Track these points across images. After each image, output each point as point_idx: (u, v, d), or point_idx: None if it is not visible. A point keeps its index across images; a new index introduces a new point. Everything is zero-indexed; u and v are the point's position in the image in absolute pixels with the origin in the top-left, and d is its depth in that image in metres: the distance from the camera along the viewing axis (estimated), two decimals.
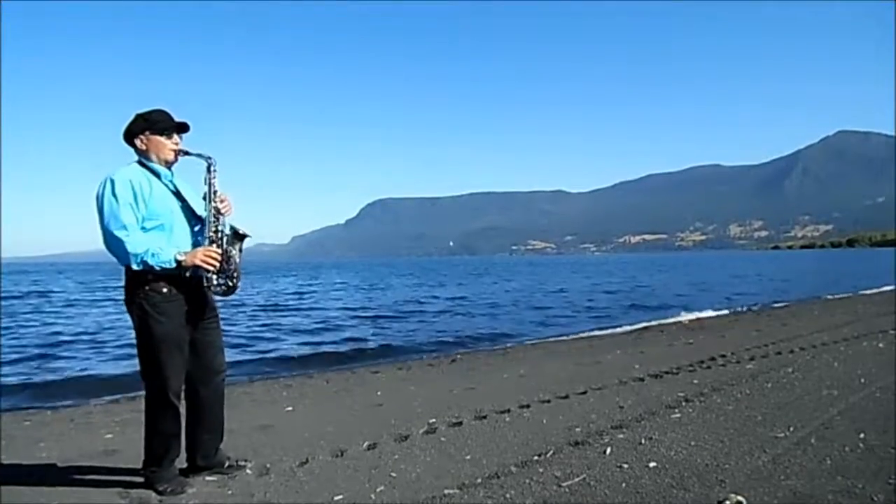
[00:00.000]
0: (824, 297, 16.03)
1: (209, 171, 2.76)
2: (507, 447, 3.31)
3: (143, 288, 2.60)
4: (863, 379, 4.66)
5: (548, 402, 4.41)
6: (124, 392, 6.01)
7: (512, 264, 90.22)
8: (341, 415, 4.36)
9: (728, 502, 2.42)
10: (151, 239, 2.60)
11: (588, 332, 10.52)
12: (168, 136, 2.73)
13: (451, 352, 8.65)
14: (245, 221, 2.83)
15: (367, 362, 7.99)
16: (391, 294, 22.74)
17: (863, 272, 32.25)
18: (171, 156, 2.74)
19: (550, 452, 3.15)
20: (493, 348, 8.98)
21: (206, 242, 2.72)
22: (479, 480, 2.79)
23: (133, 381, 6.20)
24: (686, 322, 11.35)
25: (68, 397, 6.01)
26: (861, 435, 3.22)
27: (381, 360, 8.13)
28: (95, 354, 8.75)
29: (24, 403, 5.79)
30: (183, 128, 2.78)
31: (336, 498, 2.65)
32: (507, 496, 2.59)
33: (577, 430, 3.58)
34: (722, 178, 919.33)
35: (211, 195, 2.75)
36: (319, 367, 7.61)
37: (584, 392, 4.68)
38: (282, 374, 7.17)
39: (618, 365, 6.11)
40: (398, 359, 8.21)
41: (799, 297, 16.31)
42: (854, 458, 2.91)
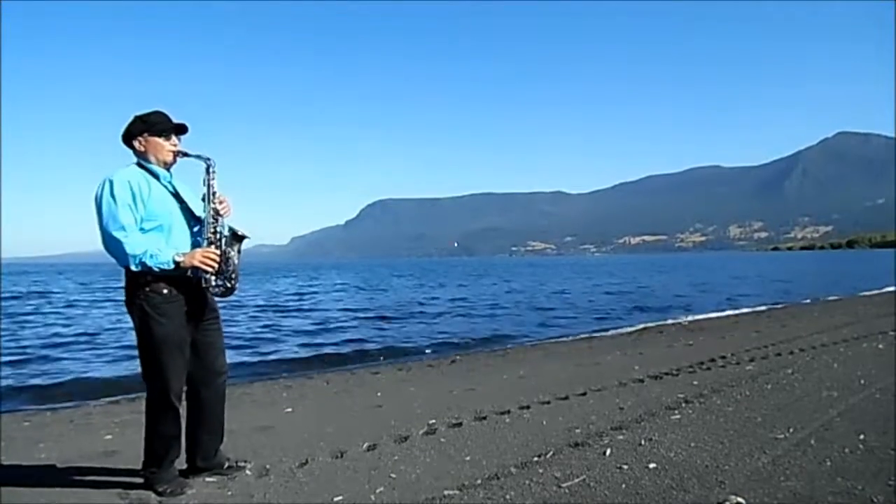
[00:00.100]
0: (824, 298, 16.04)
1: (208, 173, 2.76)
2: (506, 448, 3.31)
3: (143, 289, 2.60)
4: (863, 380, 4.66)
5: (547, 403, 4.41)
6: (124, 393, 6.03)
7: (512, 265, 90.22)
8: (341, 416, 4.36)
9: (728, 503, 2.42)
10: (150, 240, 2.60)
11: (588, 334, 10.52)
12: (166, 137, 2.74)
13: (451, 353, 8.65)
14: (244, 222, 2.84)
15: (367, 363, 7.99)
16: (391, 295, 22.74)
17: (862, 273, 32.28)
18: (169, 157, 2.75)
19: (550, 453, 3.15)
20: (492, 349, 8.98)
21: (205, 244, 2.72)
22: (478, 481, 2.79)
23: (133, 382, 6.21)
24: (686, 323, 11.34)
25: (68, 398, 6.01)
26: (861, 436, 3.22)
27: (380, 362, 8.13)
28: (95, 355, 8.74)
29: (24, 404, 5.80)
30: (181, 129, 2.79)
31: (336, 499, 2.65)
32: (507, 497, 2.59)
33: (577, 431, 3.58)
34: (722, 180, 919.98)
35: (210, 196, 2.75)
36: (319, 369, 7.63)
37: (584, 393, 4.68)
38: (282, 375, 7.17)
39: (617, 366, 6.11)
40: (398, 360, 8.21)
41: (799, 299, 16.32)
42: (854, 459, 2.91)
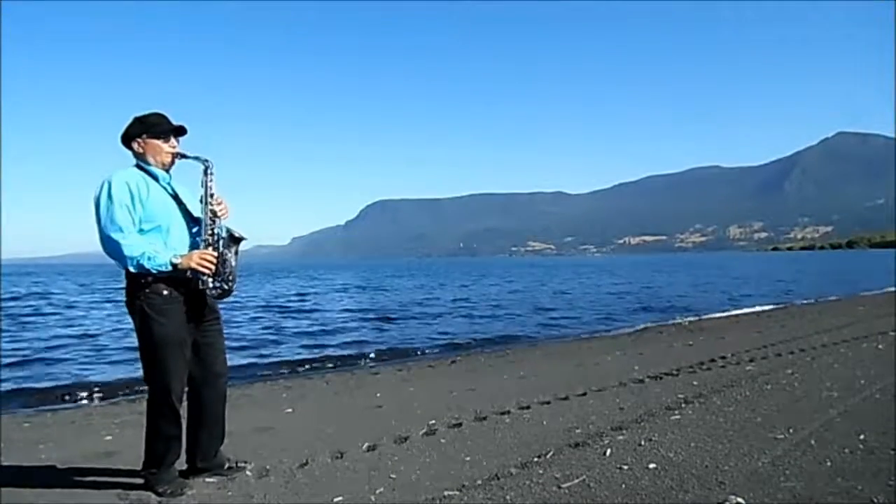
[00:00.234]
0: (824, 298, 16.04)
1: (206, 174, 2.77)
2: (506, 448, 3.31)
3: (143, 290, 2.60)
4: (862, 380, 4.66)
5: (548, 403, 4.41)
6: (124, 394, 6.04)
7: (512, 265, 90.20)
8: (341, 416, 4.36)
9: (728, 503, 2.42)
10: (148, 241, 2.61)
11: (588, 334, 10.53)
12: (165, 139, 2.74)
13: (451, 353, 8.65)
14: (244, 222, 2.85)
15: (367, 364, 7.99)
16: (391, 295, 22.74)
17: (862, 274, 32.27)
18: (168, 159, 2.75)
19: (550, 454, 3.15)
20: (492, 350, 8.98)
21: (203, 245, 2.72)
22: (478, 482, 2.79)
23: (132, 383, 6.22)
24: (686, 323, 11.35)
25: (68, 399, 6.02)
26: (861, 436, 3.22)
27: (381, 362, 8.13)
28: (95, 356, 8.74)
29: (24, 406, 5.79)
30: (180, 131, 2.79)
31: (336, 499, 2.65)
32: (507, 498, 2.59)
33: (577, 431, 3.58)
34: (721, 180, 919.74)
35: (207, 198, 2.75)
36: (319, 369, 7.62)
37: (584, 393, 4.68)
38: (282, 375, 7.17)
39: (617, 366, 6.11)
40: (398, 360, 8.21)
41: (798, 299, 16.32)
42: (854, 459, 2.90)
